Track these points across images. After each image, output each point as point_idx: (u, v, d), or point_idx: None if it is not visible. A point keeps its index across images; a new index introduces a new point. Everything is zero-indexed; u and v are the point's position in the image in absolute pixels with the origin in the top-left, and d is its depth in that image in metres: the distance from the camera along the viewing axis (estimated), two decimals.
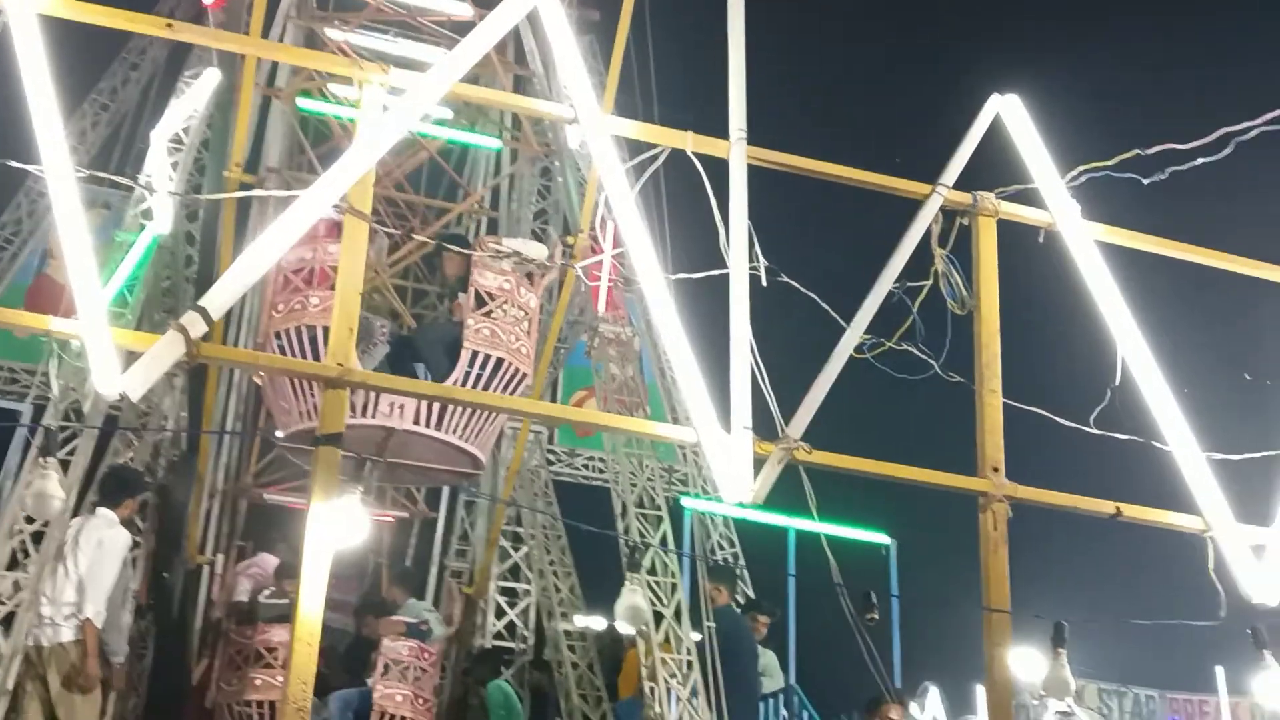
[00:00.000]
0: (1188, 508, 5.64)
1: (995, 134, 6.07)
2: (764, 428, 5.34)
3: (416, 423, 7.64)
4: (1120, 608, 6.21)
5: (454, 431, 7.83)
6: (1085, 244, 5.84)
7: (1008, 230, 6.01)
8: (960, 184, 5.95)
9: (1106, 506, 5.47)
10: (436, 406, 7.68)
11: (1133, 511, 5.52)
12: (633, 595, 5.73)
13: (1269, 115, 4.99)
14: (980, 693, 16.08)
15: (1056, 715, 16.83)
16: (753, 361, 5.28)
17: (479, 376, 7.72)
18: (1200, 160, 5.15)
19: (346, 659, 9.46)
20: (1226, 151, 5.12)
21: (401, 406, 7.56)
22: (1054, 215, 5.87)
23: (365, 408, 7.47)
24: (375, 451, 7.60)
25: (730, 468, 5.02)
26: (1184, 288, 6.46)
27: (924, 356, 5.62)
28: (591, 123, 5.39)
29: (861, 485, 5.87)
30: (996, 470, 5.39)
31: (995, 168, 6.16)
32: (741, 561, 13.71)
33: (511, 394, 7.86)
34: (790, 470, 5.46)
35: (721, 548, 14.02)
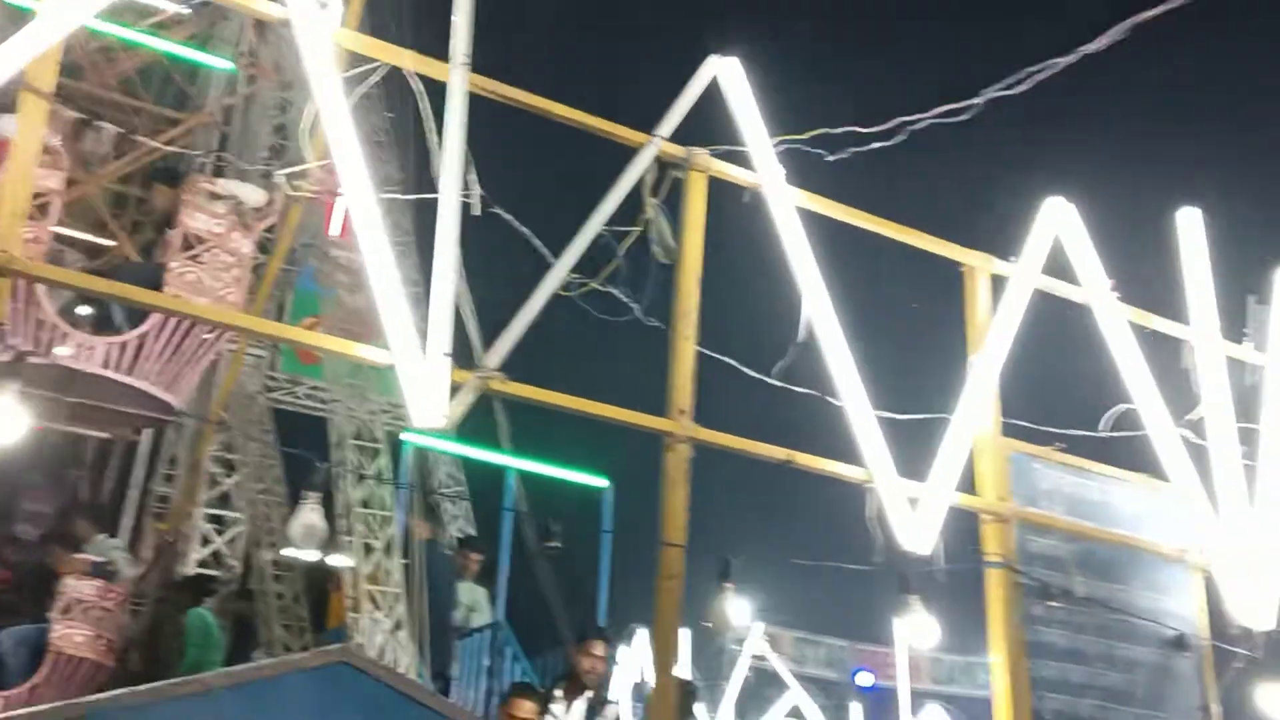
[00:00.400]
0: (858, 461, 6.08)
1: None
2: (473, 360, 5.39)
3: (105, 366, 7.11)
4: (801, 555, 6.62)
5: (149, 377, 7.35)
6: (785, 208, 6.15)
7: (722, 187, 6.26)
8: (684, 139, 6.14)
9: (779, 453, 5.82)
10: (130, 350, 7.18)
11: (804, 460, 5.89)
12: (309, 514, 5.63)
13: (939, 109, 5.40)
14: (686, 636, 16.89)
15: (751, 659, 17.98)
16: (459, 290, 5.31)
17: (179, 324, 7.28)
18: (877, 144, 5.53)
19: (33, 582, 8.90)
20: (900, 138, 5.51)
21: (91, 348, 7.03)
22: (760, 177, 6.15)
23: (50, 344, 6.90)
24: (56, 392, 7.02)
25: (424, 393, 5.02)
26: (876, 257, 6.93)
27: (626, 300, 5.79)
28: (306, 27, 5.20)
29: (587, 429, 6.01)
30: (683, 413, 5.63)
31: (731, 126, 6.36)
32: (466, 499, 13.82)
33: (214, 345, 7.48)
34: (515, 410, 5.56)
35: (448, 485, 14.06)
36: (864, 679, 17.90)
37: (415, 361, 5.03)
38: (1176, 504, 6.82)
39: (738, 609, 16.18)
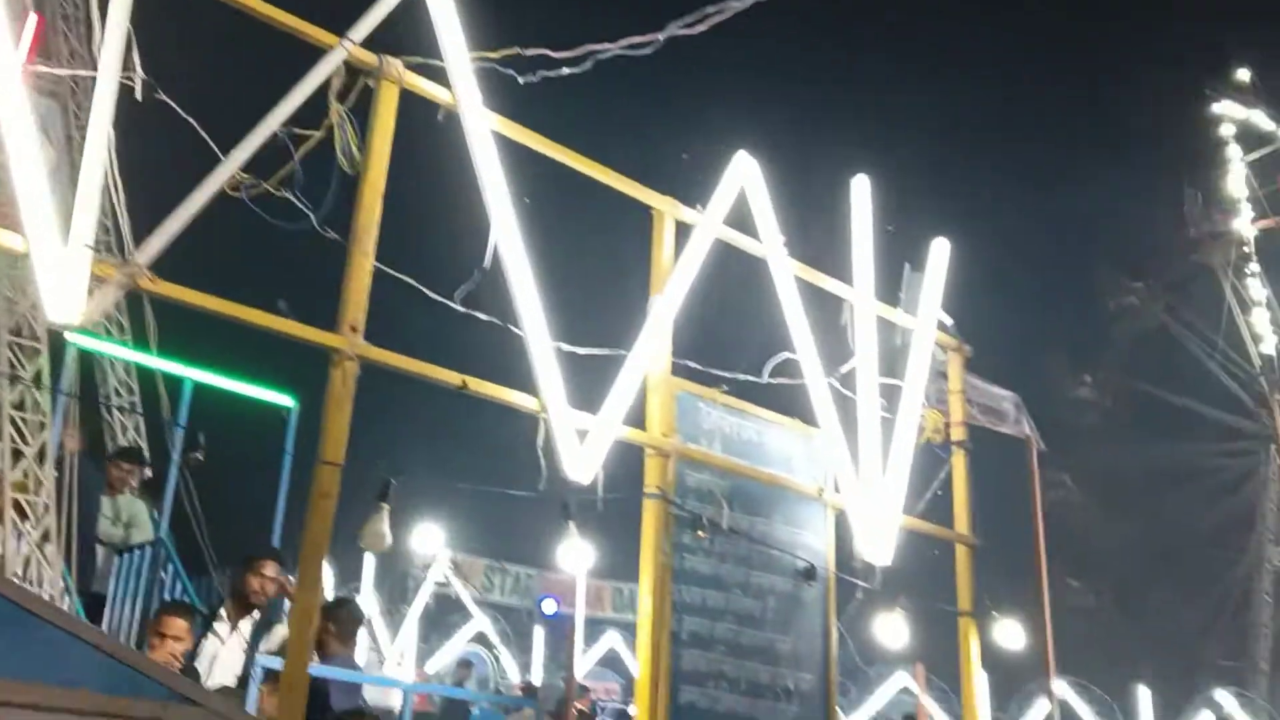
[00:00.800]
0: (533, 390, 6.16)
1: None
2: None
3: None
4: (479, 482, 6.61)
5: None
6: (480, 130, 6.09)
7: (416, 101, 6.11)
8: (382, 48, 5.93)
9: (454, 378, 5.79)
10: None
11: (478, 385, 5.89)
12: None
13: (625, 40, 5.50)
14: (368, 560, 16.79)
15: (435, 585, 18.14)
16: (111, 179, 4.94)
17: None
18: (566, 70, 5.56)
19: None
20: (587, 66, 5.58)
21: None
22: (457, 96, 6.06)
23: None
24: None
25: (60, 285, 4.66)
26: (570, 190, 7.00)
27: (303, 207, 5.58)
28: None
29: (281, 347, 5.74)
30: (355, 330, 5.49)
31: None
32: (138, 411, 12.98)
33: None
34: (189, 317, 5.21)
35: (119, 394, 13.17)
36: (548, 606, 18.40)
37: (53, 250, 4.65)
38: (821, 448, 7.40)
39: (426, 536, 16.19)
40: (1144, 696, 23.43)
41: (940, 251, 8.36)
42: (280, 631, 7.49)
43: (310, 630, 4.99)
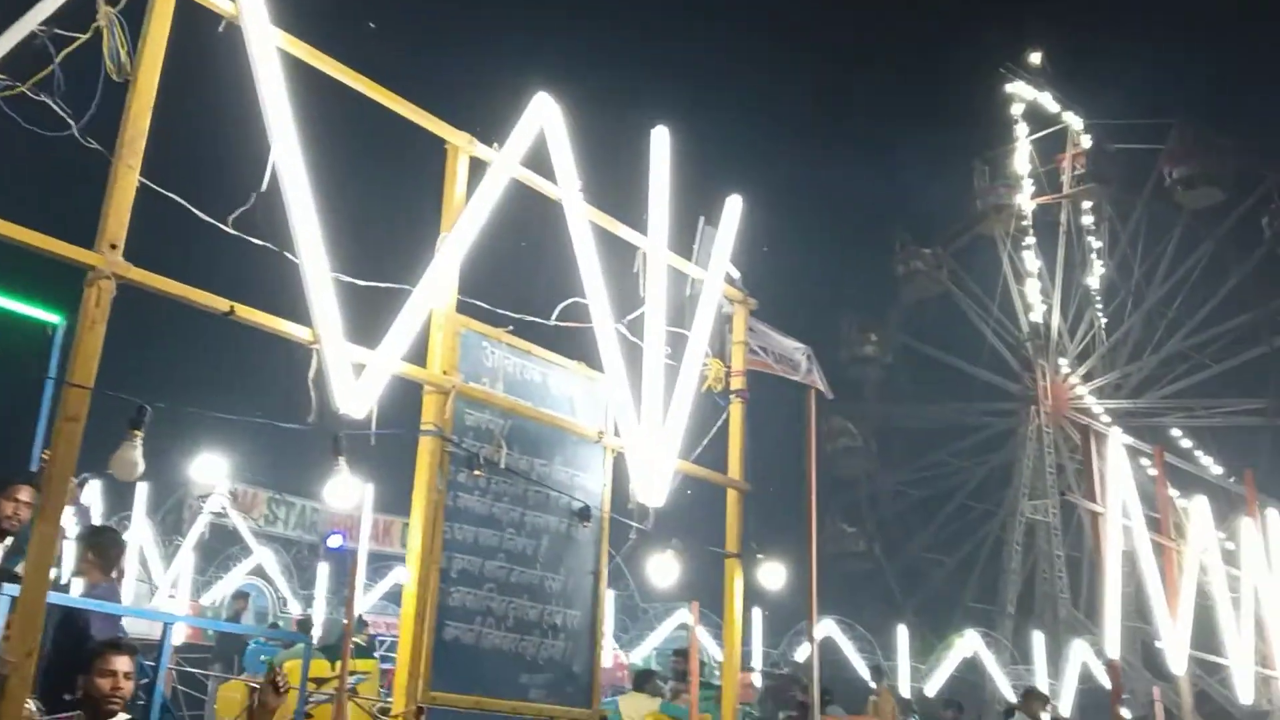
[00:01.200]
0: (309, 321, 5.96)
1: None
2: None
3: None
4: (248, 412, 6.35)
5: None
6: (264, 46, 5.82)
7: (195, 9, 5.77)
8: None
9: (221, 303, 5.55)
10: None
11: (246, 313, 5.64)
12: None
13: None
14: (140, 489, 16.04)
15: (212, 516, 17.58)
16: None
17: None
18: None
19: None
20: None
21: None
22: (240, 7, 5.77)
23: None
24: None
25: None
26: (362, 117, 6.79)
27: (63, 113, 5.21)
28: None
29: (60, 269, 5.35)
30: (115, 247, 5.20)
31: None
32: None
33: None
34: None
35: None
36: (334, 541, 18.09)
37: None
38: (604, 392, 7.52)
39: (207, 466, 15.60)
40: (902, 635, 25.04)
41: (733, 207, 8.55)
42: None
43: (50, 558, 4.77)
